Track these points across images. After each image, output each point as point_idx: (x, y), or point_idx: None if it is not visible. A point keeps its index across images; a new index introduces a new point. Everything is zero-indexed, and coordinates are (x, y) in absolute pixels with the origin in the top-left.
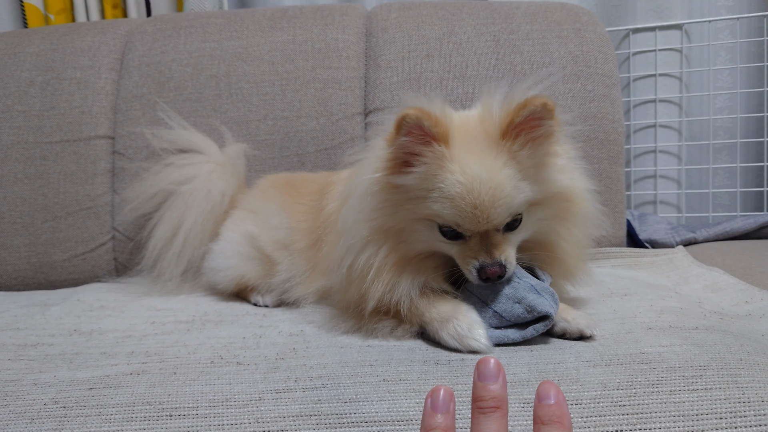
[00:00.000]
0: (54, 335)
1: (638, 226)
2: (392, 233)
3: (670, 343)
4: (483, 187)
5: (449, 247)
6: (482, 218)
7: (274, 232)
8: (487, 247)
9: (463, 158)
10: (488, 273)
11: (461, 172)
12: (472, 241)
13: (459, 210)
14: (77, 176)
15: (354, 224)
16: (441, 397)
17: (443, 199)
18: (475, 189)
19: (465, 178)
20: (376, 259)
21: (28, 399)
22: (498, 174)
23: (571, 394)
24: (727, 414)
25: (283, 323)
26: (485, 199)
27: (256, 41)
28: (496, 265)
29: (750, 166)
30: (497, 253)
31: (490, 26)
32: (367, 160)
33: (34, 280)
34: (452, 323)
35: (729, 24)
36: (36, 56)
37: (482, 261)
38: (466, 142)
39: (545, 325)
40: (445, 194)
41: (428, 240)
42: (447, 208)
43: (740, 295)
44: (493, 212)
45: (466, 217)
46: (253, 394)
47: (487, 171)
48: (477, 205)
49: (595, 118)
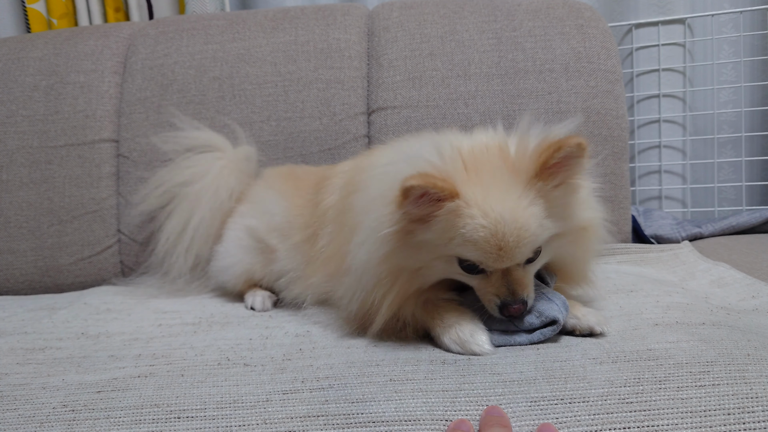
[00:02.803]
0: (62, 339)
1: (643, 221)
2: (408, 271)
3: (676, 339)
4: (508, 229)
5: (468, 279)
6: (506, 257)
7: (270, 218)
8: (509, 284)
9: (484, 201)
10: (512, 311)
11: (483, 215)
12: (493, 276)
13: (483, 251)
14: (82, 180)
15: (366, 264)
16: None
17: (466, 243)
18: (499, 231)
19: (488, 222)
20: (391, 294)
21: (37, 403)
22: (523, 213)
23: (578, 392)
24: (735, 410)
25: (289, 324)
26: (510, 240)
27: (258, 42)
28: (519, 303)
29: (755, 159)
30: (520, 291)
31: (492, 24)
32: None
33: (41, 284)
34: (455, 329)
35: (732, 18)
36: (39, 61)
37: (505, 299)
38: (484, 182)
39: (553, 330)
40: (467, 239)
41: (446, 273)
42: (470, 250)
43: (747, 290)
44: (518, 251)
45: (490, 257)
46: (261, 396)
47: (511, 211)
48: (502, 246)
49: (598, 114)
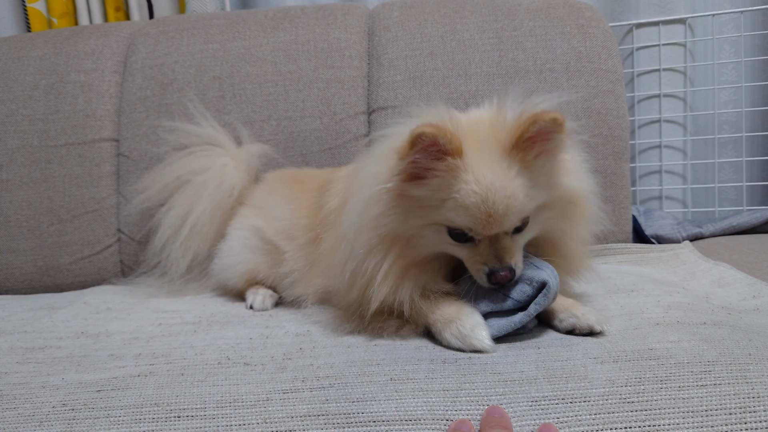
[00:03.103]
0: (61, 338)
1: (644, 221)
2: (400, 239)
3: (677, 338)
4: (498, 196)
5: (457, 249)
6: (495, 224)
7: (278, 223)
8: (497, 251)
9: (477, 168)
10: (499, 278)
11: (476, 182)
12: (481, 244)
13: (473, 217)
14: (82, 179)
15: (358, 230)
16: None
17: (458, 207)
18: (489, 198)
19: (480, 188)
20: (383, 265)
21: (36, 402)
22: (511, 183)
23: (579, 392)
24: (737, 409)
25: (289, 323)
26: (499, 207)
27: (259, 42)
28: (506, 270)
29: (756, 160)
30: (507, 258)
31: (493, 23)
32: (370, 167)
33: (41, 283)
34: (455, 324)
35: (733, 17)
36: (40, 60)
37: (492, 266)
38: (478, 150)
39: (544, 296)
40: (459, 203)
41: (436, 243)
42: (461, 215)
43: (748, 290)
44: (506, 219)
45: (479, 224)
46: (261, 395)
47: (500, 180)
48: (491, 213)
49: (599, 114)
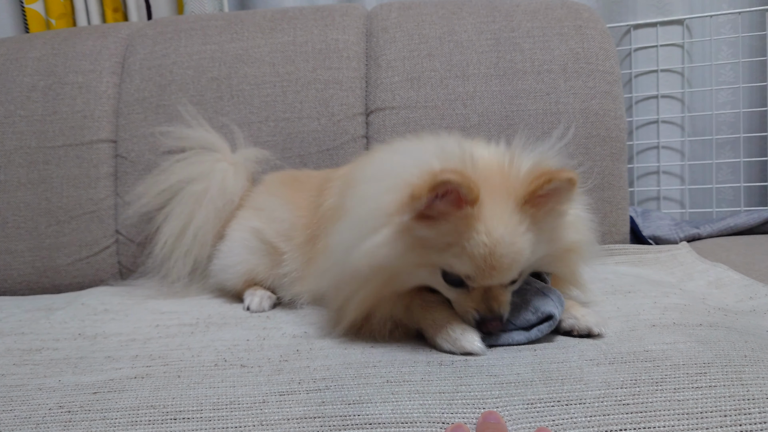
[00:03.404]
0: (59, 339)
1: (642, 222)
2: (388, 272)
3: (673, 340)
4: (506, 251)
5: (447, 291)
6: (496, 277)
7: (278, 224)
8: (489, 301)
9: (490, 219)
10: (490, 327)
11: (487, 233)
12: (475, 292)
13: (476, 268)
14: (80, 180)
15: (348, 250)
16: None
17: (463, 255)
18: (497, 252)
19: (490, 240)
20: (362, 292)
21: (33, 404)
22: (521, 238)
23: (574, 394)
24: (732, 411)
25: (286, 325)
26: (505, 261)
27: (257, 43)
28: (497, 320)
29: (753, 160)
30: (497, 307)
31: (491, 24)
32: (373, 186)
33: (39, 285)
34: (446, 328)
35: (730, 18)
36: (38, 61)
37: (483, 315)
38: (492, 200)
39: (549, 326)
40: (466, 252)
41: (426, 281)
42: (465, 264)
43: (744, 291)
44: (509, 273)
45: (480, 274)
46: (257, 397)
47: (510, 235)
48: (495, 266)
49: (596, 115)
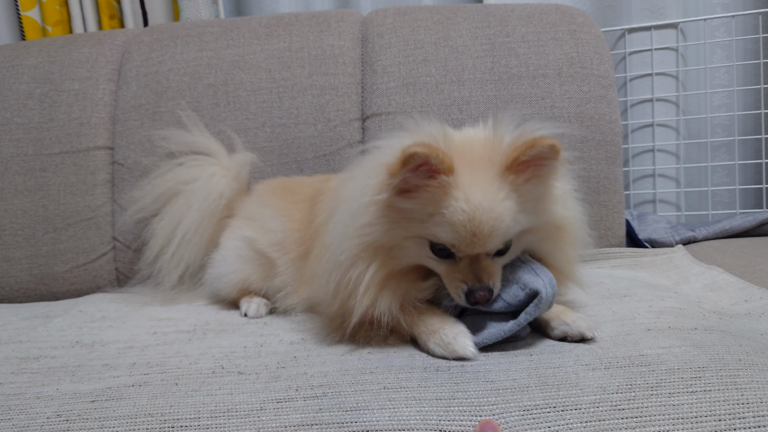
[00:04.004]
0: (56, 347)
1: (637, 225)
2: (382, 249)
3: (669, 344)
4: (484, 217)
5: (437, 264)
6: (479, 244)
7: (271, 235)
8: (477, 271)
9: (468, 187)
10: (477, 297)
11: (465, 200)
12: (462, 262)
13: (458, 235)
14: (77, 187)
15: (343, 239)
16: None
17: (444, 223)
18: (476, 218)
19: (468, 207)
20: (366, 275)
21: (31, 413)
22: (500, 205)
23: (570, 399)
24: (726, 416)
25: (283, 331)
26: (485, 228)
27: (253, 49)
28: (485, 290)
29: (748, 163)
30: (486, 278)
31: (485, 29)
32: (359, 180)
33: (36, 292)
34: (439, 333)
35: (724, 22)
36: (34, 68)
37: (471, 285)
38: (470, 169)
39: (536, 306)
40: (446, 219)
41: (417, 256)
42: (446, 232)
43: (740, 294)
44: (490, 240)
45: (463, 242)
46: (255, 404)
47: (489, 201)
48: (476, 233)
49: (591, 119)
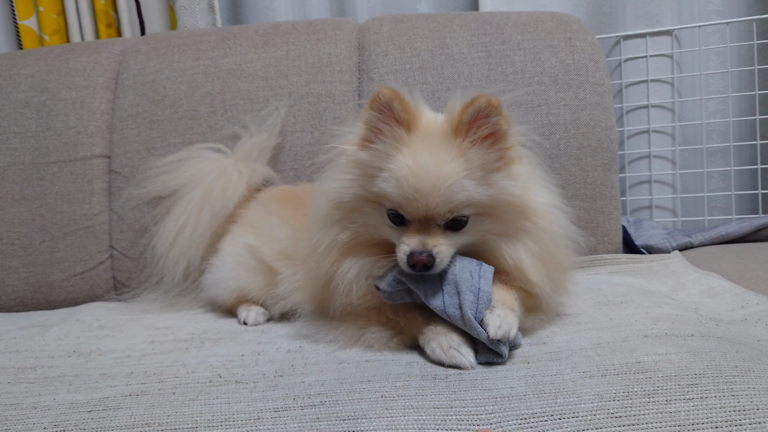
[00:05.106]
0: (53, 357)
1: (634, 231)
2: (345, 211)
3: (665, 351)
4: (427, 175)
5: (392, 232)
6: (422, 204)
7: (275, 244)
8: (423, 236)
9: (417, 146)
10: (415, 260)
11: (411, 156)
12: (411, 227)
13: (402, 191)
14: (74, 196)
15: (319, 197)
16: None
17: (391, 178)
18: (418, 174)
19: (413, 162)
20: (329, 235)
21: (27, 423)
22: (443, 166)
23: (567, 407)
24: (723, 423)
25: (281, 339)
26: (426, 186)
27: (250, 57)
28: (424, 254)
29: (744, 169)
30: (430, 244)
31: (482, 37)
32: (344, 137)
33: (33, 301)
34: (445, 337)
35: (719, 28)
36: (31, 77)
37: (413, 248)
38: (425, 134)
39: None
40: (393, 174)
41: (376, 224)
42: (392, 187)
43: (736, 300)
44: (432, 200)
45: (408, 200)
46: (252, 413)
47: (434, 161)
48: (418, 189)
49: (587, 126)
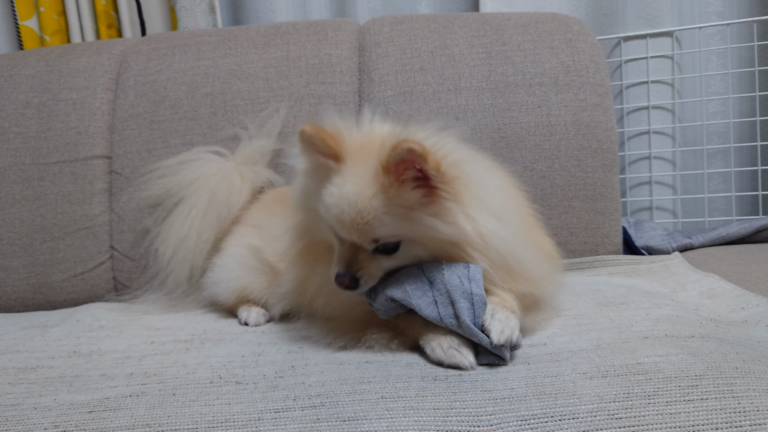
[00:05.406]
0: (54, 357)
1: (634, 233)
2: (302, 222)
3: (666, 352)
4: (347, 208)
5: (336, 245)
6: (345, 231)
7: (278, 244)
8: (348, 259)
9: (345, 177)
10: (338, 281)
11: (337, 186)
12: (344, 246)
13: (330, 218)
14: (75, 196)
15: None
16: None
17: (323, 205)
18: (339, 206)
19: (337, 194)
20: (289, 239)
21: (28, 423)
22: (364, 202)
23: (567, 408)
24: (723, 425)
25: (281, 340)
26: (346, 218)
27: (250, 58)
28: (346, 277)
29: (744, 170)
30: (353, 266)
31: (482, 38)
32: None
33: (34, 301)
34: (445, 337)
35: (719, 30)
36: (32, 78)
37: (337, 270)
38: (357, 162)
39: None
40: (323, 201)
41: (325, 232)
42: (324, 213)
43: (736, 301)
44: (353, 231)
45: (335, 225)
46: (252, 414)
47: (355, 195)
48: (340, 219)
49: (588, 127)
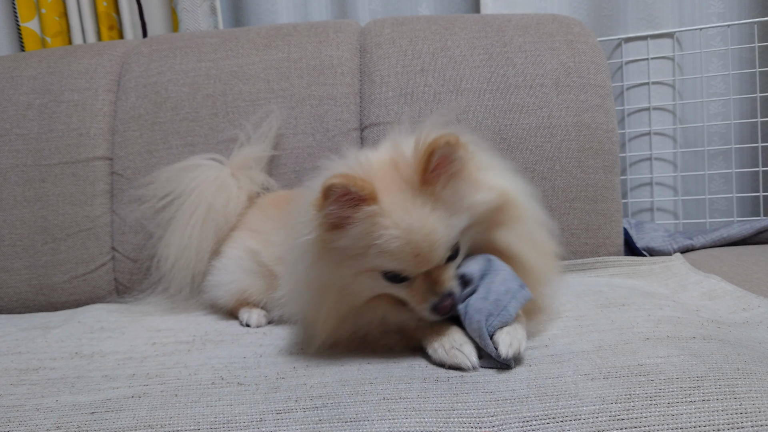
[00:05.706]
0: (55, 359)
1: (635, 234)
2: (333, 288)
3: (667, 353)
4: (419, 236)
5: (397, 290)
6: (424, 262)
7: (274, 248)
8: (432, 285)
9: (393, 212)
10: (441, 309)
11: (395, 226)
12: (416, 281)
13: (400, 261)
14: (76, 198)
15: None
16: None
17: (383, 253)
18: (412, 240)
19: (400, 232)
20: (321, 314)
21: (30, 425)
22: (429, 219)
23: (569, 410)
24: (725, 426)
25: (283, 341)
26: (423, 246)
27: (252, 60)
28: (446, 299)
29: (745, 171)
30: (440, 288)
31: (483, 40)
32: (297, 224)
33: (35, 303)
34: (448, 337)
35: (720, 31)
36: (33, 79)
37: (432, 302)
38: (390, 193)
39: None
40: (383, 249)
41: (374, 288)
42: (388, 260)
43: (738, 303)
44: (434, 255)
45: (409, 265)
46: (254, 416)
47: (418, 219)
48: (417, 253)
49: (589, 129)
